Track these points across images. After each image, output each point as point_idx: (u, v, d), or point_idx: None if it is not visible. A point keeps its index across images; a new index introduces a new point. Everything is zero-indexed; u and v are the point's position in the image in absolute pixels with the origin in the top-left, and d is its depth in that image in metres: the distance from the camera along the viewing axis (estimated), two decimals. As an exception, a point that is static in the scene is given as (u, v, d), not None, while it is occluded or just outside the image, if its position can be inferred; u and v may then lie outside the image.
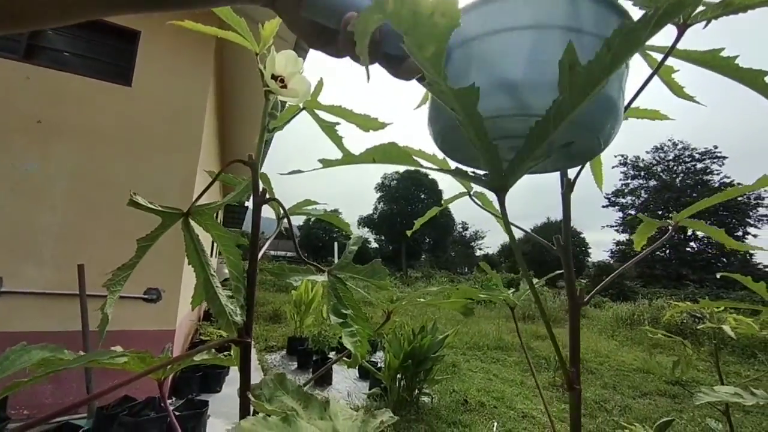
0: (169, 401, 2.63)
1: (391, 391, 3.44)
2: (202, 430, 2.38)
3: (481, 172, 0.33)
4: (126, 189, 2.35)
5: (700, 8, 0.28)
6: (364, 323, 0.43)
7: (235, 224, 16.94)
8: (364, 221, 44.01)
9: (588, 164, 0.56)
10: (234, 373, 3.79)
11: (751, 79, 0.31)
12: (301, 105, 0.54)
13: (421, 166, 0.37)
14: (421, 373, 3.43)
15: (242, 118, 5.37)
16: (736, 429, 3.71)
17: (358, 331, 0.42)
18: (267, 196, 0.46)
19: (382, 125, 0.56)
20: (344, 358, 0.50)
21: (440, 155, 0.44)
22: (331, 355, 4.66)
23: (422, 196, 42.72)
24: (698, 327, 1.24)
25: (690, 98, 0.42)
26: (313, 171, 0.40)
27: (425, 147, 0.51)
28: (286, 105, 0.57)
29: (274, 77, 0.45)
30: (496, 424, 3.32)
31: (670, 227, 0.51)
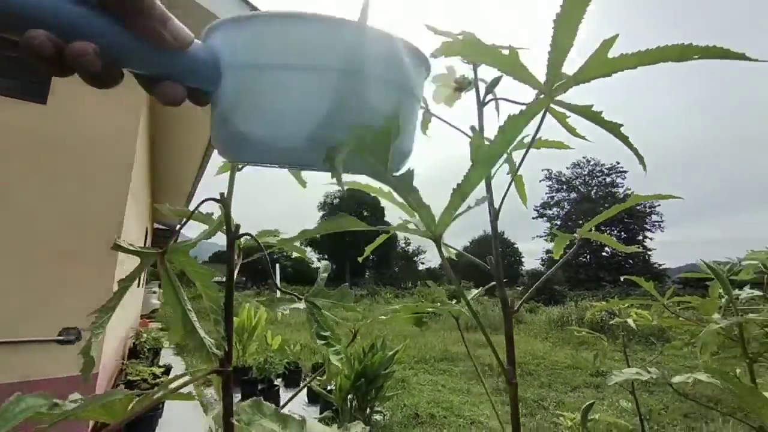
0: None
1: (342, 413, 3.38)
2: (136, 481, 2.14)
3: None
4: (39, 215, 2.18)
5: (563, 79, 0.38)
6: (339, 342, 0.47)
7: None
8: (307, 241, 43.08)
9: (513, 185, 0.67)
10: (168, 414, 3.47)
11: (611, 128, 0.43)
12: None
13: (369, 226, 0.42)
14: (373, 392, 3.43)
15: (171, 141, 5.07)
16: (642, 405, 4.22)
17: (341, 349, 0.46)
18: (240, 231, 0.49)
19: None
20: (317, 378, 0.54)
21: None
22: (277, 382, 4.47)
23: (365, 213, 43.02)
24: (611, 323, 1.43)
25: (581, 137, 0.54)
26: (253, 190, 0.44)
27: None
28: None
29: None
30: (446, 433, 3.42)
31: (576, 240, 0.63)
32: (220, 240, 0.54)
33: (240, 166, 0.54)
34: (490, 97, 0.54)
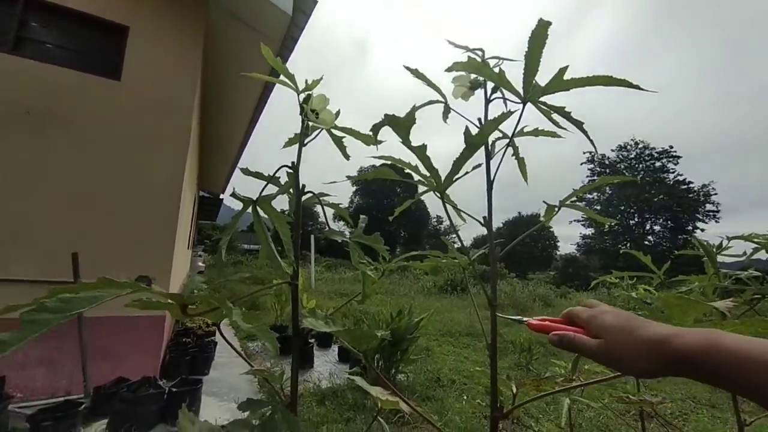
0: (160, 382, 2.79)
1: (369, 371, 3.71)
2: (197, 405, 2.56)
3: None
4: (116, 179, 2.61)
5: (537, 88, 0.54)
6: (369, 274, 0.68)
7: (209, 217, 16.71)
8: (339, 217, 44.07)
9: (516, 164, 0.82)
10: (219, 358, 3.96)
11: (576, 123, 0.57)
12: (323, 127, 0.77)
13: (402, 178, 0.61)
14: (398, 354, 3.72)
15: (222, 110, 5.44)
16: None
17: (372, 271, 0.66)
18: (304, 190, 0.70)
19: (378, 142, 0.80)
20: (355, 299, 0.75)
21: (413, 161, 0.69)
22: (311, 341, 4.88)
23: (398, 189, 43.19)
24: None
25: (562, 128, 0.68)
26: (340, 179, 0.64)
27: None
28: (310, 125, 0.80)
29: (312, 111, 0.68)
30: (465, 397, 3.66)
31: (556, 207, 0.78)
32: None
33: (305, 141, 0.74)
34: (494, 96, 0.70)
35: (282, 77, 0.71)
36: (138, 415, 2.25)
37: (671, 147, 36.23)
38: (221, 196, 12.87)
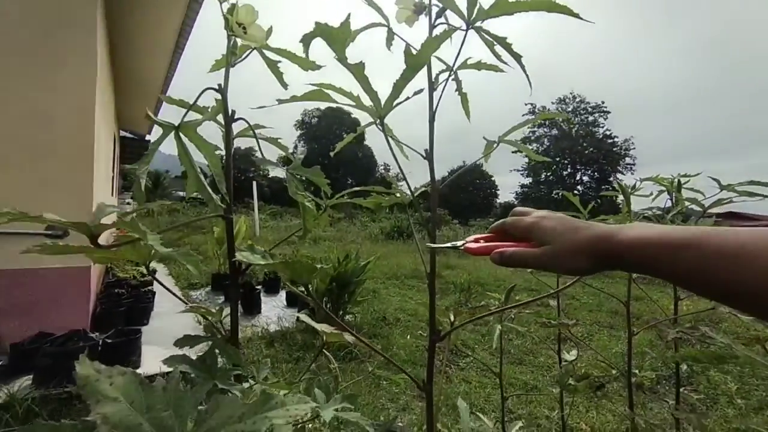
0: (92, 335, 2.64)
1: (318, 313, 3.82)
2: (138, 353, 2.48)
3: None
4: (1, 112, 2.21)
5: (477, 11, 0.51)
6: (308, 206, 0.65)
7: (136, 159, 15.11)
8: (284, 159, 42.48)
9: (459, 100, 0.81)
10: (159, 308, 3.81)
11: (515, 56, 0.57)
12: (252, 45, 0.68)
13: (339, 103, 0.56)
14: (345, 296, 3.85)
15: (138, 37, 4.67)
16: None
17: (311, 203, 0.64)
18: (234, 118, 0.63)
19: (317, 67, 0.74)
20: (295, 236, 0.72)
21: (355, 91, 0.64)
22: (258, 287, 4.85)
23: (344, 135, 42.11)
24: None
25: (503, 62, 0.67)
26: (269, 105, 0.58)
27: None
28: (239, 44, 0.70)
29: (238, 24, 0.60)
30: (409, 333, 3.96)
31: (495, 143, 0.79)
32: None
33: (233, 63, 0.66)
34: (438, 21, 0.66)
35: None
36: (68, 369, 2.13)
37: (602, 102, 38.84)
38: (147, 137, 11.55)
